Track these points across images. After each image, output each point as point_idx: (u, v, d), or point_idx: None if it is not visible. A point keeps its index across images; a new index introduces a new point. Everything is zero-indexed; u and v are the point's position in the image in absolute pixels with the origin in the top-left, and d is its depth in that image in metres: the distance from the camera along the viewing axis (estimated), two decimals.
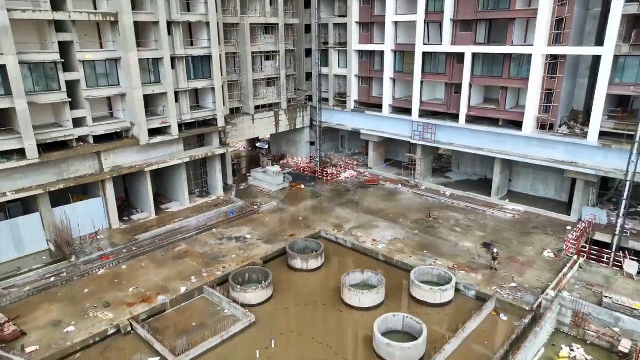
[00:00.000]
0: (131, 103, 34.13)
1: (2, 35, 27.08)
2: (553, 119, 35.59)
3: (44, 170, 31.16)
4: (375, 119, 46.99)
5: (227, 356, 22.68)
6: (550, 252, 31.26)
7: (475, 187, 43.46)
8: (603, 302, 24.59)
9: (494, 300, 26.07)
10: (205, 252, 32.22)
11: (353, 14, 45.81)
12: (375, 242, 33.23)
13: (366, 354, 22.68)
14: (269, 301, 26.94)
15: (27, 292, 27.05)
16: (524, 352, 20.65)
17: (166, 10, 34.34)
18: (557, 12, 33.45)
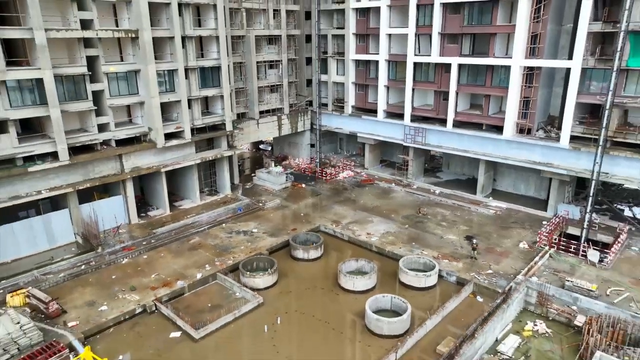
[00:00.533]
0: (149, 110, 37.90)
1: (40, 53, 30.82)
2: (530, 124, 39.31)
3: (73, 171, 34.89)
4: (370, 123, 50.72)
5: (240, 330, 26.41)
6: (525, 244, 34.98)
7: (462, 186, 47.17)
8: (565, 285, 28.30)
9: (471, 284, 29.78)
10: (216, 244, 35.96)
11: (350, 26, 49.57)
12: (369, 235, 36.96)
13: (359, 328, 26.39)
14: (274, 286, 30.66)
15: (62, 278, 30.80)
16: (491, 324, 24.35)
17: (180, 26, 38.09)
18: (532, 29, 37.16)
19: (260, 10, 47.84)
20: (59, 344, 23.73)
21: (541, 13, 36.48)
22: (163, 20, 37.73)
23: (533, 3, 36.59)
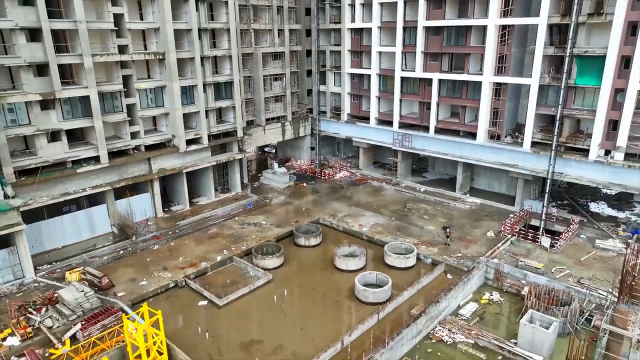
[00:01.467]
0: (173, 120, 44.45)
1: (87, 74, 37.37)
2: (499, 131, 45.77)
3: (110, 172, 41.38)
4: (364, 129, 57.22)
5: (254, 300, 32.93)
6: (492, 233, 41.45)
7: (444, 184, 53.65)
8: (518, 265, 34.79)
9: (443, 265, 36.26)
10: (231, 233, 42.49)
11: (346, 44, 56.07)
12: (361, 226, 43.47)
13: (350, 298, 32.87)
14: (281, 266, 37.14)
15: (106, 260, 37.34)
16: (454, 293, 30.84)
17: (199, 48, 44.63)
18: (499, 50, 43.64)
19: (266, 31, 54.36)
20: (113, 308, 30.23)
21: (506, 38, 42.96)
22: (185, 43, 44.26)
23: (499, 29, 43.06)
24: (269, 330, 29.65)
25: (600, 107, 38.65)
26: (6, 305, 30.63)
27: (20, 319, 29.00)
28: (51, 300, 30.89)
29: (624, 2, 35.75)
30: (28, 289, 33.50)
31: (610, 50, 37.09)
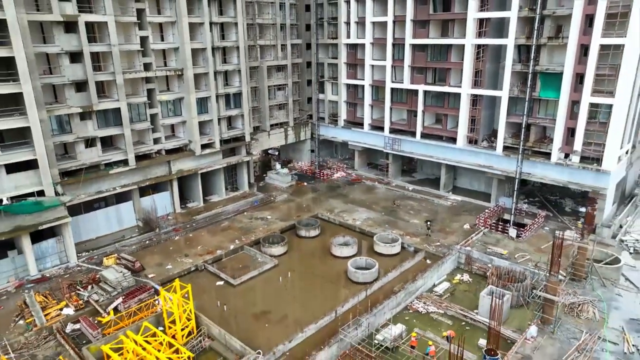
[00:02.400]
0: (190, 127, 50.72)
1: (119, 90, 43.65)
2: (476, 137, 51.97)
3: (136, 173, 47.58)
4: (358, 134, 63.44)
5: (263, 280, 39.16)
6: (468, 225, 47.64)
7: (431, 183, 59.81)
8: (486, 251, 41.01)
9: (423, 252, 42.45)
10: (241, 226, 48.74)
11: (342, 57, 62.30)
12: (354, 220, 49.70)
13: (343, 279, 39.08)
14: (285, 254, 43.34)
15: (135, 248, 43.61)
16: (428, 273, 37.04)
17: (213, 64, 50.88)
18: (475, 66, 49.84)
19: (271, 46, 60.57)
20: (146, 286, 36.49)
21: (481, 55, 49.17)
22: (200, 60, 50.52)
23: (475, 47, 49.27)
24: (275, 304, 35.91)
25: (560, 117, 44.87)
26: (59, 283, 36.93)
27: (71, 294, 35.31)
28: (94, 280, 37.22)
29: (576, 27, 41.93)
30: (72, 271, 39.79)
31: (567, 68, 43.29)
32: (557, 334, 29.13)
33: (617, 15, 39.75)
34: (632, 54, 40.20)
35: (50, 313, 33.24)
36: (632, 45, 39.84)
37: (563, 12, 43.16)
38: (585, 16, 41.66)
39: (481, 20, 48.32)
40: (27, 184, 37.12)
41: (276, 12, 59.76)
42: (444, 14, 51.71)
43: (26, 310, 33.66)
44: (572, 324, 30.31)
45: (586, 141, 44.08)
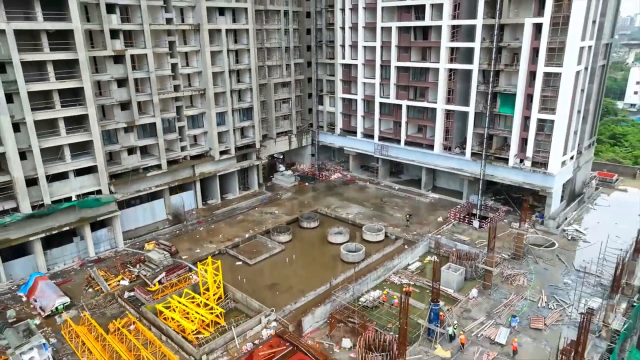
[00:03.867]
0: (210, 137, 60.79)
1: (155, 107, 53.73)
2: (450, 144, 61.91)
3: (167, 175, 57.61)
4: (352, 140, 73.43)
5: (273, 261, 49.19)
6: (441, 218, 57.59)
7: (414, 183, 69.69)
8: (452, 238, 50.97)
9: (402, 239, 52.42)
10: (253, 219, 58.80)
11: (338, 75, 72.32)
12: (347, 214, 59.69)
13: (336, 260, 49.07)
14: (290, 241, 53.32)
15: (168, 237, 53.68)
16: (404, 255, 47.03)
17: (229, 84, 60.94)
18: (448, 86, 59.77)
19: (277, 66, 70.59)
20: (182, 265, 46.54)
21: (453, 77, 59.11)
22: (219, 81, 60.56)
23: (448, 70, 59.21)
24: (282, 278, 45.96)
25: (515, 129, 54.80)
26: (113, 262, 47.09)
27: (125, 271, 45.43)
28: (140, 260, 47.32)
29: (526, 57, 51.87)
30: (120, 254, 49.89)
31: (519, 89, 53.22)
32: (493, 295, 39.09)
33: (556, 49, 49.69)
34: (567, 80, 50.13)
35: (112, 283, 43.36)
36: (568, 72, 49.77)
37: (516, 45, 53.09)
38: (533, 49, 51.59)
39: (452, 49, 58.24)
40: (89, 184, 47.18)
41: (282, 37, 69.78)
42: (422, 42, 61.69)
43: (92, 282, 43.77)
44: (506, 289, 40.27)
45: (535, 149, 54.01)
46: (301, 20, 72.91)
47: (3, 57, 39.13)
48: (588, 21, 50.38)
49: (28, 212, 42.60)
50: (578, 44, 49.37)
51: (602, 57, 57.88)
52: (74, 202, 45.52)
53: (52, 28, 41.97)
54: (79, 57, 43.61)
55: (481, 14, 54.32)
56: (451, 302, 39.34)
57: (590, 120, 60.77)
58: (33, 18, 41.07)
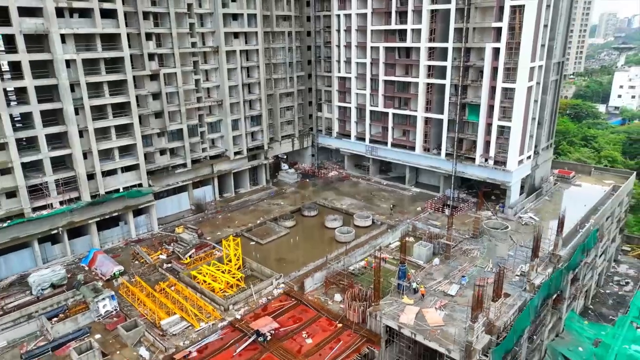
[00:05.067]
0: (226, 140, 72.20)
1: (182, 116, 65.12)
2: (429, 146, 73.23)
3: (191, 172, 68.94)
4: (347, 142, 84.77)
5: (280, 241, 60.61)
6: (420, 208, 68.89)
7: (400, 180, 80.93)
8: (427, 223, 62.26)
9: (386, 224, 63.72)
10: (263, 209, 70.18)
11: (335, 86, 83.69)
12: (341, 205, 71.02)
13: (332, 240, 60.40)
14: (294, 226, 64.72)
15: (193, 222, 65.04)
16: (386, 236, 58.32)
17: (242, 95, 72.34)
18: (427, 97, 71.09)
19: (282, 78, 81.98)
20: (207, 244, 57.89)
21: (430, 89, 70.41)
22: (233, 93, 71.98)
23: (426, 84, 70.50)
24: (288, 254, 57.31)
25: (480, 134, 66.09)
26: (152, 242, 58.51)
27: (161, 248, 56.82)
28: (173, 240, 58.66)
29: (487, 75, 63.14)
30: (155, 236, 61.23)
31: (483, 101, 64.51)
32: (451, 264, 50.33)
33: (510, 69, 61.00)
34: (520, 93, 61.39)
35: (153, 257, 54.76)
36: (520, 87, 61.03)
37: (480, 64, 64.38)
38: (493, 68, 62.88)
39: (429, 66, 69.57)
40: (132, 179, 58.58)
41: (286, 54, 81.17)
42: (405, 60, 73.07)
43: (137, 256, 55.13)
44: (462, 259, 51.52)
45: (497, 150, 65.30)
46: (303, 39, 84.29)
47: (73, 80, 50.56)
48: (537, 46, 61.68)
49: (88, 201, 54.03)
50: (528, 65, 60.65)
51: (554, 73, 69.09)
52: (122, 193, 56.98)
53: (108, 56, 53.36)
54: (127, 78, 55.03)
55: (452, 39, 65.62)
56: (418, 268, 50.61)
57: (547, 125, 72.00)
58: (94, 49, 52.46)
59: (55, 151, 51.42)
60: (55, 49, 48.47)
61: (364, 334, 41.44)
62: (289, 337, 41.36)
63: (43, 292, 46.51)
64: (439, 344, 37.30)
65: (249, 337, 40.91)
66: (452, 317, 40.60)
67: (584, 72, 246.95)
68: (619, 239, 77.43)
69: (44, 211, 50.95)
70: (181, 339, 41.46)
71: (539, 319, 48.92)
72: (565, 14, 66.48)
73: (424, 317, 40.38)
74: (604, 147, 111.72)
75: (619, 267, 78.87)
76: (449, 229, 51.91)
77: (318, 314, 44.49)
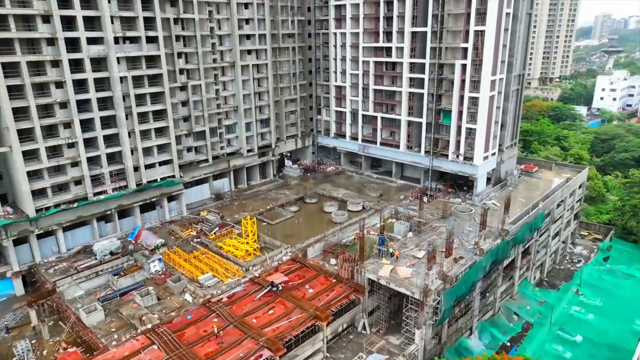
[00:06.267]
0: (240, 139, 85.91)
1: (205, 120, 78.78)
2: (411, 145, 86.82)
3: (212, 167, 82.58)
4: (343, 142, 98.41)
5: (287, 222, 74.33)
6: (403, 196, 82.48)
7: (388, 173, 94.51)
8: (407, 208, 75.81)
9: (373, 209, 77.29)
10: (271, 197, 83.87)
11: (332, 93, 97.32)
12: (337, 194, 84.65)
13: (329, 221, 74.02)
14: (298, 211, 78.41)
15: (213, 208, 78.70)
16: (372, 218, 71.91)
17: (254, 102, 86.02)
18: (409, 103, 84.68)
19: (287, 87, 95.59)
20: (228, 223, 71.53)
21: (412, 97, 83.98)
22: (246, 100, 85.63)
23: (409, 93, 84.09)
24: (294, 231, 70.98)
25: (452, 134, 79.68)
26: (182, 222, 72.19)
27: (191, 227, 70.49)
28: (200, 221, 72.31)
29: (457, 86, 76.71)
30: (184, 218, 74.86)
31: (454, 107, 78.07)
32: (421, 236, 63.86)
33: (475, 81, 74.57)
34: (483, 101, 74.93)
35: (185, 233, 68.44)
36: (483, 97, 74.58)
37: (452, 77, 77.89)
38: (461, 80, 76.44)
39: (411, 78, 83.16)
40: (167, 171, 72.22)
41: (290, 66, 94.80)
42: (391, 72, 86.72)
43: (173, 233, 68.79)
44: (431, 233, 65.04)
45: (466, 148, 78.86)
46: (304, 53, 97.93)
47: (125, 92, 64.17)
48: (498, 62, 75.26)
49: (134, 188, 67.67)
50: (489, 78, 74.20)
51: (515, 84, 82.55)
52: (160, 182, 70.67)
53: (151, 73, 67.02)
54: (165, 90, 68.71)
55: (428, 56, 79.21)
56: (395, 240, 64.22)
57: (510, 128, 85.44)
58: (140, 67, 66.06)
59: (109, 148, 64.98)
60: (113, 68, 62.11)
61: (352, 285, 55.02)
62: (295, 288, 54.99)
63: (105, 257, 60.16)
64: (407, 289, 50.96)
65: (265, 287, 54.53)
66: (418, 272, 54.21)
67: (569, 75, 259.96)
68: (573, 224, 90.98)
69: (101, 196, 64.56)
70: (214, 290, 55.11)
71: (490, 280, 62.79)
72: (523, 36, 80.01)
73: (397, 272, 54.04)
74: (573, 146, 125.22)
75: (575, 248, 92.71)
76: (421, 209, 65.54)
77: (317, 273, 58.09)
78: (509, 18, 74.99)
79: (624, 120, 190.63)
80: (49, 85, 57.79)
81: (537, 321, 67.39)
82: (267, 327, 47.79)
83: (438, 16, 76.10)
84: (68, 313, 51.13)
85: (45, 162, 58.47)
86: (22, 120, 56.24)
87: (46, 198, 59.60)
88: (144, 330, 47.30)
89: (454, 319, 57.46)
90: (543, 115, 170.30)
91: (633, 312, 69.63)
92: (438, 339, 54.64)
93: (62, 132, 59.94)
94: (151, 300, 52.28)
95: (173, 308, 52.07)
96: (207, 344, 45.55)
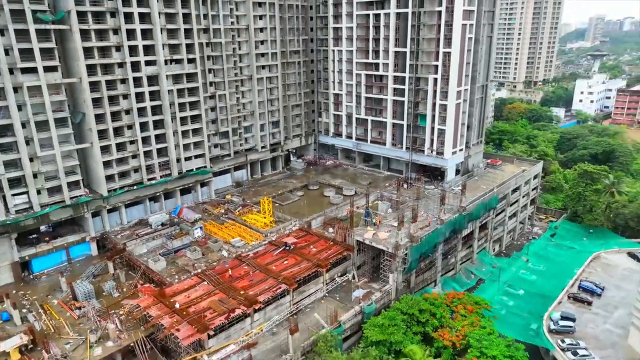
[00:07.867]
0: (256, 138, 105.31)
1: (229, 122, 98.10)
2: (395, 142, 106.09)
3: (233, 160, 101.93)
4: (340, 140, 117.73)
5: (294, 204, 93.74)
6: (388, 184, 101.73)
7: (377, 166, 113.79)
8: (390, 192, 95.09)
9: (363, 193, 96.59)
10: (281, 185, 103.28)
11: (331, 99, 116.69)
12: (335, 182, 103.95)
13: (328, 203, 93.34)
14: (303, 195, 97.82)
15: (237, 193, 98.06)
16: (362, 199, 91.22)
17: (267, 107, 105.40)
18: (394, 109, 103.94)
19: (293, 94, 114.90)
20: (249, 204, 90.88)
21: (396, 104, 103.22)
22: (261, 106, 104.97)
23: (393, 101, 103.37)
24: (300, 210, 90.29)
25: (427, 134, 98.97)
26: (213, 203, 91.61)
27: (219, 206, 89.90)
28: (227, 202, 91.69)
29: (430, 94, 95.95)
30: (213, 200, 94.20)
31: (428, 112, 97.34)
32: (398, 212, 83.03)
33: (444, 92, 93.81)
34: (451, 108, 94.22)
35: (216, 211, 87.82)
36: (450, 104, 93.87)
37: (426, 88, 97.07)
38: (433, 90, 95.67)
39: (394, 88, 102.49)
40: (200, 163, 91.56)
41: (296, 77, 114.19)
42: (379, 83, 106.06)
43: (206, 210, 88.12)
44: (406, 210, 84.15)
45: (437, 145, 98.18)
46: (308, 66, 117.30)
47: (171, 101, 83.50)
48: (462, 76, 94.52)
49: (176, 176, 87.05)
50: (456, 89, 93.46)
51: (479, 93, 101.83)
52: (195, 172, 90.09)
53: (190, 86, 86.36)
54: (200, 99, 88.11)
55: (408, 71, 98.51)
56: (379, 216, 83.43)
57: (476, 129, 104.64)
58: (182, 82, 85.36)
59: (158, 145, 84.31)
60: (163, 83, 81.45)
61: (344, 245, 74.32)
62: (302, 248, 74.31)
63: (158, 227, 79.50)
64: (383, 246, 70.30)
65: (281, 247, 73.82)
66: (393, 235, 73.54)
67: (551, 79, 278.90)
68: (530, 209, 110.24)
69: (152, 181, 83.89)
70: (242, 249, 74.46)
71: (451, 245, 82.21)
72: (485, 56, 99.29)
73: (378, 235, 73.34)
74: (540, 144, 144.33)
75: (533, 229, 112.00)
76: (398, 191, 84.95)
77: (319, 238, 77.38)
78: (472, 41, 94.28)
79: (598, 121, 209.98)
80: (118, 97, 77.09)
81: (489, 279, 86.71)
82: (283, 272, 67.15)
83: (415, 40, 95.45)
84: (138, 263, 70.51)
85: (115, 155, 77.86)
86: (99, 123, 75.59)
87: (114, 182, 78.95)
88: (195, 274, 66.67)
89: (421, 272, 76.80)
90: (522, 117, 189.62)
91: (567, 273, 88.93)
92: (407, 283, 73.97)
93: (126, 132, 79.29)
94: (198, 254, 71.66)
95: (214, 260, 71.49)
96: (242, 281, 64.95)
